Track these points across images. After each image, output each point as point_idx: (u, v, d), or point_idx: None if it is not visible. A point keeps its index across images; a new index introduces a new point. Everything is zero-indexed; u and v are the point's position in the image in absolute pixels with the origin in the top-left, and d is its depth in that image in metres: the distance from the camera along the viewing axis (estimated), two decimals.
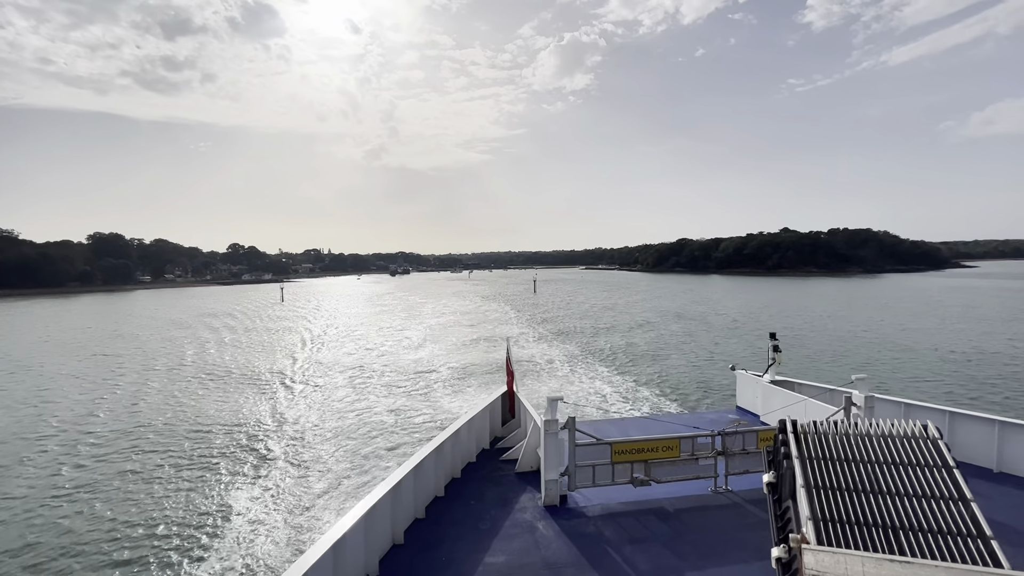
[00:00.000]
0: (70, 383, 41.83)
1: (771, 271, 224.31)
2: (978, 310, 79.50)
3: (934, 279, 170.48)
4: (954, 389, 34.71)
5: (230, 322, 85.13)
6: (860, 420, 4.82)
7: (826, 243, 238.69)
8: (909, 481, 4.13)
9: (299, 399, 35.98)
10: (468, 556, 8.84)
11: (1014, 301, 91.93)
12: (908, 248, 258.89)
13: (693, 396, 34.46)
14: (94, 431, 29.45)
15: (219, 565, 16.09)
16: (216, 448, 26.44)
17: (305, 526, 18.17)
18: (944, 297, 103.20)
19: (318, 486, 21.68)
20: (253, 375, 43.61)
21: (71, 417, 32.25)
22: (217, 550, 16.96)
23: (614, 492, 10.95)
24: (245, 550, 16.89)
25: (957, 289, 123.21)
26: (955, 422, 12.66)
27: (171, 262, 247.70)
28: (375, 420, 30.56)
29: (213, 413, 32.61)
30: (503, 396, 15.54)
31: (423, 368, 44.86)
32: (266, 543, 17.21)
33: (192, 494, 21.14)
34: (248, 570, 15.75)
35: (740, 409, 18.11)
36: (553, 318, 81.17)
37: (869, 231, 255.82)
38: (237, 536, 17.77)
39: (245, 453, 25.64)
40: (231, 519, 18.96)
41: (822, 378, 27.12)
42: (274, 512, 19.36)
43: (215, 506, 20.08)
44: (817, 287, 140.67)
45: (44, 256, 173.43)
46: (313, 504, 19.97)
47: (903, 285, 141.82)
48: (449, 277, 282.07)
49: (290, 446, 26.51)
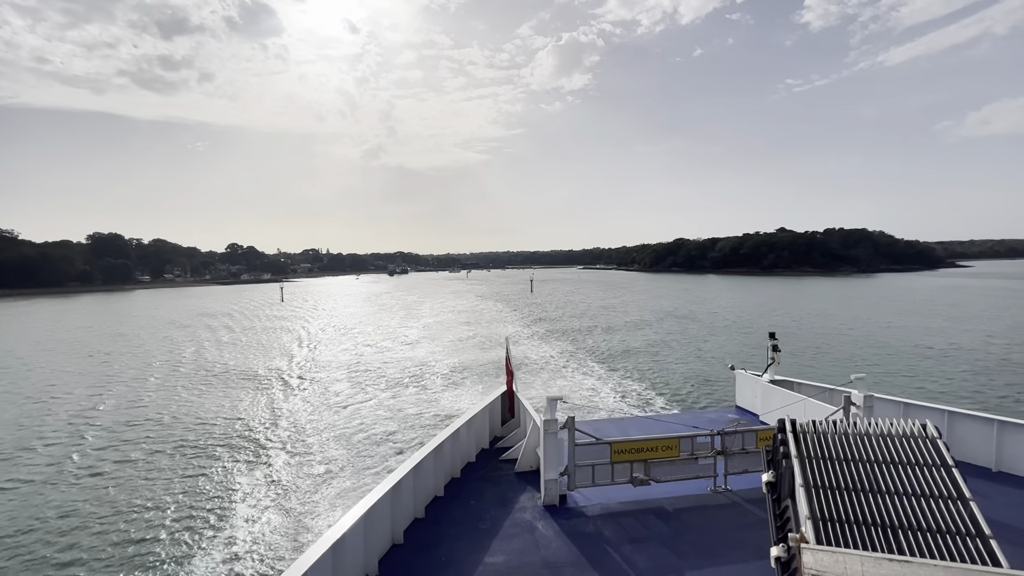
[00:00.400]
0: (75, 379, 43.20)
1: (766, 271, 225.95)
2: (963, 308, 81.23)
3: (927, 279, 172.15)
4: (926, 384, 36.26)
5: (229, 322, 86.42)
6: (859, 419, 4.86)
7: (821, 243, 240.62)
8: (908, 480, 4.14)
9: (298, 393, 37.42)
10: (468, 556, 8.88)
11: (999, 300, 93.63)
12: (903, 248, 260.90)
13: (682, 391, 35.88)
14: (101, 424, 30.83)
15: (220, 567, 16.08)
16: (217, 442, 27.79)
17: (305, 524, 18.22)
18: (933, 296, 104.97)
19: (318, 476, 22.92)
20: (253, 372, 45.02)
21: (78, 411, 33.64)
22: (217, 551, 16.88)
23: (613, 492, 10.99)
24: (244, 549, 16.87)
25: (947, 288, 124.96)
26: (954, 421, 12.68)
27: (170, 262, 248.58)
28: (373, 413, 32.01)
29: (216, 408, 34.02)
30: (503, 396, 15.58)
31: (419, 362, 46.33)
32: (265, 542, 17.22)
33: (191, 489, 21.77)
34: (247, 569, 15.83)
35: (739, 408, 18.15)
36: (549, 317, 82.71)
37: (864, 231, 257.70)
38: (236, 536, 17.76)
39: (245, 445, 27.01)
40: (230, 517, 19.11)
41: (803, 373, 28.50)
42: (273, 510, 19.53)
43: (214, 504, 20.34)
44: (810, 286, 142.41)
45: (44, 256, 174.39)
46: (313, 500, 20.31)
47: (895, 285, 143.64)
48: (447, 277, 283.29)
49: (290, 439, 27.89)
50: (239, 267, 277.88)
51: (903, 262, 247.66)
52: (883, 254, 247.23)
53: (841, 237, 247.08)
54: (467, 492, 11.49)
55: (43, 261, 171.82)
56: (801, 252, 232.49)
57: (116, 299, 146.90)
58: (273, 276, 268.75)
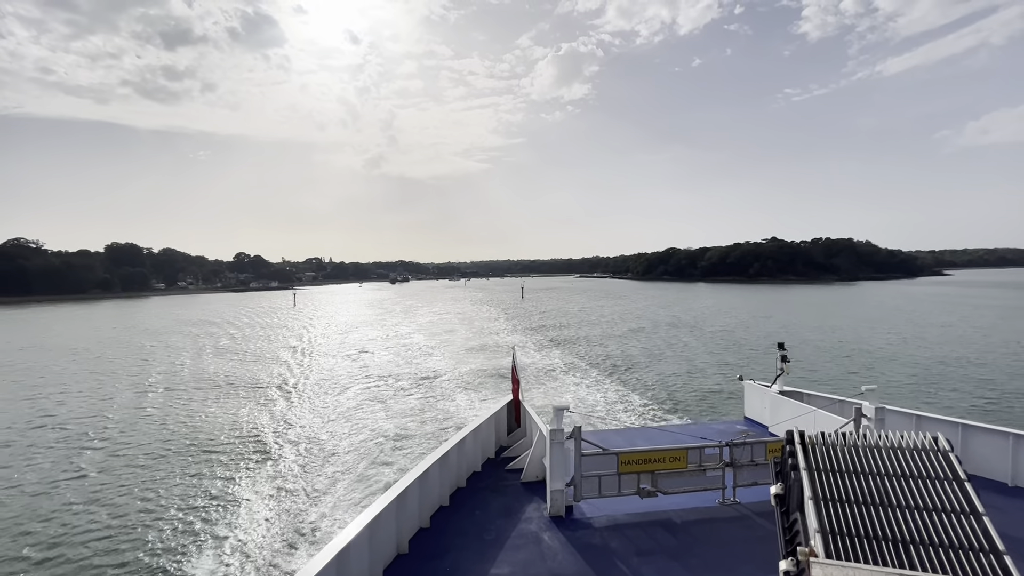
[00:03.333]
0: (129, 366, 54.21)
1: (752, 279, 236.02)
2: (919, 315, 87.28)
3: (903, 287, 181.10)
4: (854, 383, 46.69)
5: (256, 320, 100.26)
6: (869, 431, 4.81)
7: (805, 253, 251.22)
8: (919, 494, 4.08)
9: (316, 373, 48.33)
10: (473, 567, 8.83)
11: (957, 307, 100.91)
12: (884, 257, 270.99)
13: (639, 386, 41.56)
14: (150, 408, 38.56)
15: (221, 569, 16.26)
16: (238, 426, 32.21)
17: (309, 532, 18.24)
18: (900, 303, 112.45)
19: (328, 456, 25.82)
20: (280, 359, 56.08)
21: (129, 398, 44.55)
22: (215, 552, 17.16)
23: (620, 503, 10.93)
24: (247, 552, 17.05)
25: (915, 296, 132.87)
26: (968, 435, 12.56)
27: (183, 270, 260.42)
28: (380, 397, 42.78)
29: (269, 378, 44.84)
30: (508, 405, 15.54)
31: (417, 352, 57.31)
32: (270, 547, 17.33)
33: (197, 481, 23.20)
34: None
35: (748, 420, 18.08)
36: (526, 313, 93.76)
37: (848, 241, 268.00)
38: (238, 539, 17.90)
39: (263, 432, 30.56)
40: (231, 518, 19.48)
41: (734, 370, 35.84)
42: (277, 510, 19.97)
43: (219, 499, 21.03)
44: (786, 294, 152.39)
45: (68, 265, 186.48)
46: (316, 495, 21.02)
47: (870, 292, 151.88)
48: (447, 285, 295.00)
49: (307, 421, 32.67)
50: (247, 275, 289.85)
51: (885, 271, 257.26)
52: (866, 263, 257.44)
53: (824, 247, 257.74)
54: (473, 502, 11.50)
55: (68, 270, 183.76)
56: (785, 261, 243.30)
57: (139, 304, 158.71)
58: (280, 284, 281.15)
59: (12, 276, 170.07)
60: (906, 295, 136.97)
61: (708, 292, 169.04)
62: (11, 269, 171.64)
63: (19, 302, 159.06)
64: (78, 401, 38.09)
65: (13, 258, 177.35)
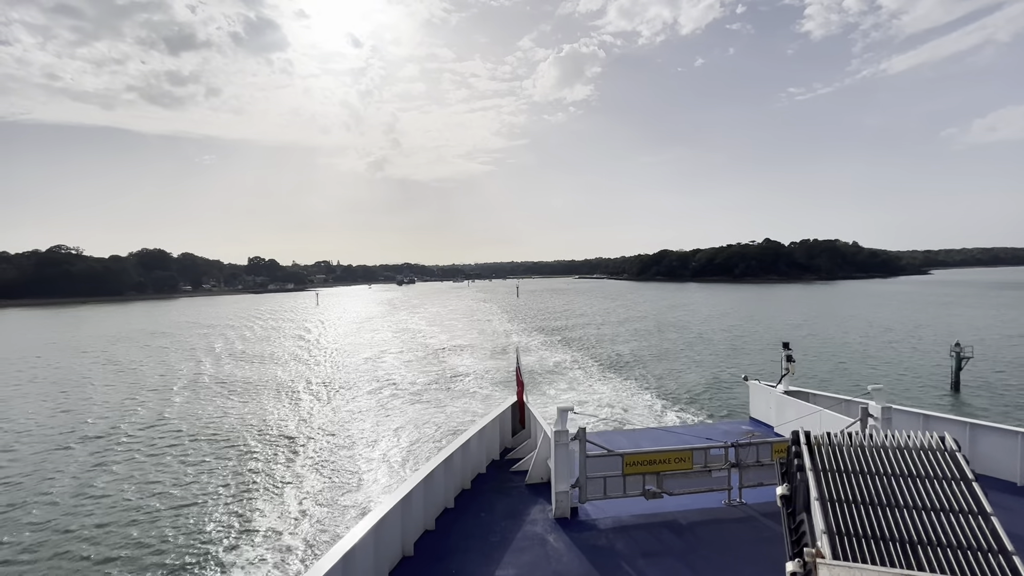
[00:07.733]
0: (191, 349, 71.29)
1: (738, 279, 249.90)
2: (882, 309, 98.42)
3: (875, 285, 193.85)
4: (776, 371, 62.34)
5: (292, 315, 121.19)
6: (875, 431, 4.79)
7: (787, 254, 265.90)
8: (926, 494, 4.06)
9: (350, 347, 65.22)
10: (478, 569, 8.83)
11: (917, 304, 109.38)
12: (866, 257, 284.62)
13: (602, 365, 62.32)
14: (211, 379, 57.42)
15: (222, 571, 16.65)
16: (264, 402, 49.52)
17: (315, 536, 18.63)
18: (871, 300, 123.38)
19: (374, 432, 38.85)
20: (319, 343, 73.26)
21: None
22: (215, 554, 17.62)
23: (625, 504, 10.85)
24: (251, 554, 17.56)
25: (886, 294, 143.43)
26: (977, 434, 12.51)
27: (205, 274, 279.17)
28: (391, 370, 59.51)
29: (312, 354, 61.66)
30: (513, 406, 15.55)
31: (419, 337, 74.18)
32: (276, 549, 17.77)
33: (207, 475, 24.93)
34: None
35: (753, 420, 18.07)
36: (516, 308, 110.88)
37: (834, 241, 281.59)
38: (242, 545, 18.36)
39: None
40: (234, 520, 20.16)
41: (679, 357, 47.56)
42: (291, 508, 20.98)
43: (230, 494, 22.39)
44: (764, 292, 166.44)
45: (107, 269, 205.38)
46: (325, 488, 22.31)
47: (846, 291, 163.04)
48: (451, 286, 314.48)
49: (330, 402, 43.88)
50: (263, 278, 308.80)
51: (867, 270, 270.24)
52: (849, 263, 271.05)
53: (807, 248, 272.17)
54: (477, 504, 11.47)
55: (107, 273, 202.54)
56: (769, 262, 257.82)
57: (177, 304, 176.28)
58: (296, 286, 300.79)
59: (58, 279, 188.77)
60: (868, 293, 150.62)
61: (689, 291, 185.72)
62: (57, 273, 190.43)
63: (67, 303, 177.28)
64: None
65: (59, 263, 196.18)
